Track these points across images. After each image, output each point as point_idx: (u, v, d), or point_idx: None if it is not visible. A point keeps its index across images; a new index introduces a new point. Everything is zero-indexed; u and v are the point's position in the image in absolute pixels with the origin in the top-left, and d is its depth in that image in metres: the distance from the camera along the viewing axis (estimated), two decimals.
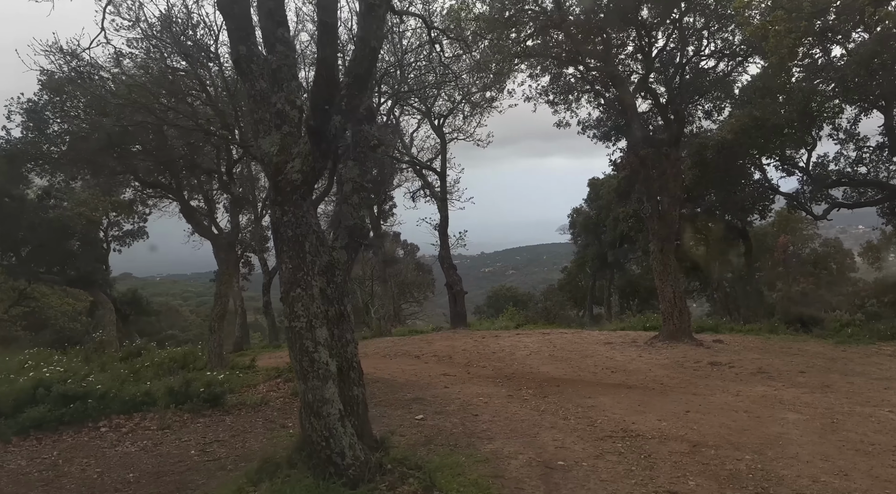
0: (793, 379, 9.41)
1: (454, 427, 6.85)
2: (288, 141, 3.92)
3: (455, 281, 17.64)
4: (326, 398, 3.96)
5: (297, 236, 4.01)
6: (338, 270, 4.57)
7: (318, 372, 3.95)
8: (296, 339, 3.98)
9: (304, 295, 3.98)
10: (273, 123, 3.99)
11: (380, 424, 6.97)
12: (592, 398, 8.45)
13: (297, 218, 4.02)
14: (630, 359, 11.68)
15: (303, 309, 3.97)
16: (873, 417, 7.01)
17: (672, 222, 13.21)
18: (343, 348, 4.55)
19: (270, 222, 4.20)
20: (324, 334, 4.04)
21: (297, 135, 3.94)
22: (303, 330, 3.96)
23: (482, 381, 10.09)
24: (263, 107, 4.16)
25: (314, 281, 4.06)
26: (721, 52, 12.99)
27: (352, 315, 4.73)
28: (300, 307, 3.97)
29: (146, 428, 7.05)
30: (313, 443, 4.00)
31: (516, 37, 13.56)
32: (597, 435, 6.59)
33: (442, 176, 17.78)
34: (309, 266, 4.03)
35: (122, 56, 10.55)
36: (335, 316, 4.52)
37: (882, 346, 12.22)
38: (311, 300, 4.00)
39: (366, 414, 4.72)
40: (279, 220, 4.02)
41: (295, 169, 3.90)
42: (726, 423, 6.86)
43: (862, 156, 18.08)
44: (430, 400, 8.30)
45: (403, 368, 11.65)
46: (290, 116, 3.93)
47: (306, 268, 4.01)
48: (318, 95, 3.53)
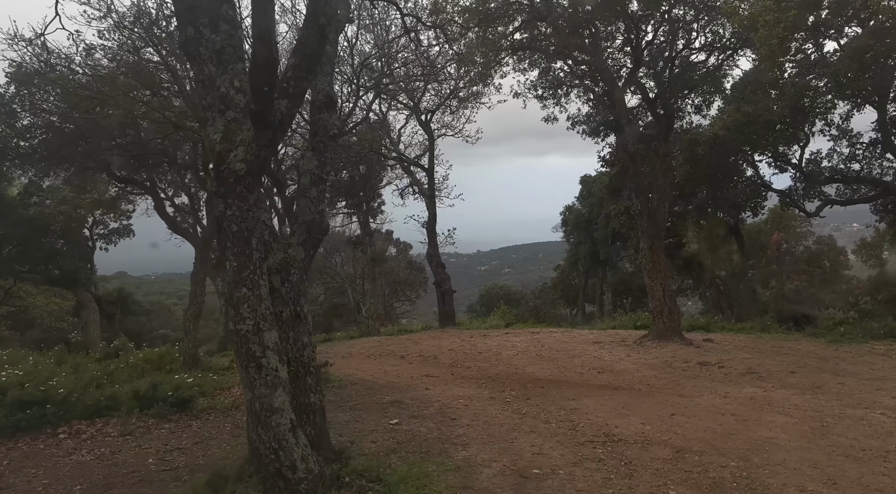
0: (783, 379, 9.17)
1: (429, 432, 6.56)
2: (232, 128, 3.61)
3: (444, 280, 17.34)
4: (275, 407, 3.66)
5: (242, 231, 3.70)
6: (293, 268, 4.26)
7: (265, 378, 3.65)
8: (242, 343, 3.68)
9: (251, 295, 3.68)
10: (217, 109, 3.68)
11: (351, 429, 6.69)
12: (576, 400, 8.18)
13: (243, 211, 3.71)
14: (618, 359, 11.42)
15: (249, 311, 3.67)
16: (864, 420, 6.76)
17: (662, 219, 12.96)
18: (299, 352, 4.26)
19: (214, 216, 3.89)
20: (273, 337, 3.74)
21: (243, 122, 3.63)
22: (249, 334, 3.66)
23: (465, 382, 9.81)
24: (211, 92, 3.85)
25: (262, 280, 3.76)
26: (711, 45, 12.73)
27: (309, 316, 4.43)
28: (246, 308, 3.67)
29: (107, 435, 6.73)
30: (261, 456, 3.70)
31: (503, 30, 13.27)
32: (577, 440, 6.32)
33: (430, 172, 17.48)
34: (256, 264, 3.72)
35: (93, 48, 10.18)
36: (290, 317, 4.22)
37: (875, 345, 12.00)
38: (259, 301, 3.70)
39: (323, 423, 4.42)
40: (222, 214, 3.71)
41: (238, 158, 3.60)
42: (712, 427, 6.59)
43: (855, 153, 17.87)
44: (408, 403, 8.02)
45: (386, 369, 11.36)
46: (234, 101, 3.62)
47: (253, 267, 3.71)
48: (257, 76, 3.23)
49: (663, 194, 12.73)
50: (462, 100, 16.68)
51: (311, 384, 4.30)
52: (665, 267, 12.96)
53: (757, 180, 19.47)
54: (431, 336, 16.30)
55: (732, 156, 18.36)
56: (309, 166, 4.54)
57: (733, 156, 18.44)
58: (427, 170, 17.51)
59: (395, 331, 19.52)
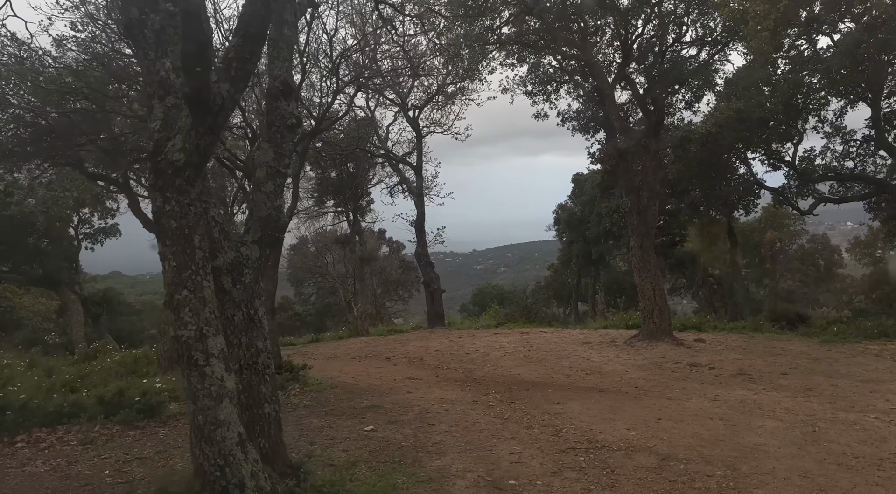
0: (774, 381, 8.94)
1: (405, 439, 6.28)
2: (173, 115, 3.32)
3: (432, 279, 17.05)
4: (220, 420, 3.37)
5: (182, 228, 3.41)
6: (246, 268, 3.96)
7: (209, 389, 3.36)
8: (183, 351, 3.39)
9: (193, 298, 3.38)
10: (156, 95, 3.39)
11: (324, 436, 6.41)
12: (561, 403, 7.92)
13: (183, 206, 3.42)
14: (607, 360, 11.17)
15: (191, 316, 3.37)
16: (857, 425, 6.52)
17: (652, 217, 12.71)
18: (252, 358, 3.96)
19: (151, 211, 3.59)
20: (218, 344, 3.44)
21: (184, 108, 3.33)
22: (191, 340, 3.36)
23: (449, 385, 9.54)
24: (152, 77, 3.55)
25: (206, 281, 3.46)
26: (702, 39, 12.48)
27: (264, 319, 4.13)
28: (187, 312, 3.37)
29: (67, 443, 6.41)
30: (206, 473, 3.41)
31: (491, 24, 12.98)
32: (559, 447, 6.05)
33: (418, 170, 17.16)
34: (199, 263, 3.43)
35: (64, 39, 9.83)
36: (243, 321, 3.92)
37: (868, 345, 11.79)
38: (202, 304, 3.40)
39: (279, 435, 4.12)
40: (160, 209, 3.42)
41: (176, 147, 3.31)
42: (699, 433, 6.34)
43: (849, 150, 17.69)
44: (387, 408, 7.73)
45: (370, 371, 11.07)
46: (174, 86, 3.33)
47: (195, 267, 3.41)
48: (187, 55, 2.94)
49: (653, 192, 12.48)
50: (449, 95, 16.38)
51: (266, 393, 4.00)
52: (655, 266, 12.72)
53: (750, 178, 19.28)
54: (419, 336, 16.02)
55: (725, 153, 18.15)
56: (265, 158, 4.24)
57: (726, 154, 18.23)
58: (415, 167, 17.20)
59: (384, 332, 19.22)
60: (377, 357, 13.14)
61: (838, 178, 18.04)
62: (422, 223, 17.14)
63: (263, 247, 4.14)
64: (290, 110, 4.34)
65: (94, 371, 9.71)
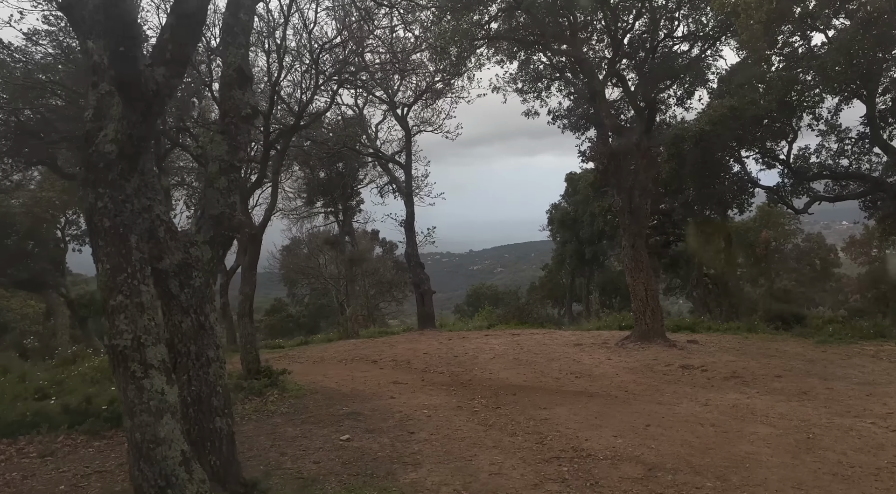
0: (768, 384, 8.68)
1: (381, 449, 5.99)
2: (106, 102, 3.04)
3: (422, 280, 16.77)
4: (161, 437, 3.08)
5: (116, 227, 3.12)
6: (195, 270, 3.68)
7: (147, 404, 3.07)
8: (119, 362, 3.10)
9: (129, 304, 3.10)
10: (90, 81, 3.11)
11: (296, 447, 6.11)
12: (548, 409, 7.66)
13: (117, 203, 3.13)
14: (597, 363, 10.90)
15: (127, 323, 3.09)
16: (853, 430, 6.26)
17: (644, 216, 12.46)
18: (202, 369, 3.67)
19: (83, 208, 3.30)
20: (159, 354, 3.15)
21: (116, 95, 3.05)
22: (128, 350, 3.08)
23: (434, 390, 9.26)
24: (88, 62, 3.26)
25: (144, 285, 3.18)
26: (694, 34, 12.23)
27: (216, 326, 3.84)
28: (123, 320, 3.09)
29: (26, 455, 6.11)
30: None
31: (479, 19, 12.71)
32: (542, 456, 5.78)
33: (407, 169, 16.86)
34: (136, 266, 3.14)
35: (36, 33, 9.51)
36: (191, 328, 3.64)
37: (864, 346, 11.56)
38: (140, 310, 3.11)
39: (232, 451, 3.83)
40: (92, 206, 3.13)
41: (108, 138, 3.02)
42: (689, 440, 6.07)
43: (844, 148, 17.48)
44: (366, 415, 7.45)
45: (354, 375, 10.78)
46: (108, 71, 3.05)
47: (132, 269, 3.13)
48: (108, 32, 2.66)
49: (645, 190, 12.22)
50: (437, 92, 16.08)
51: (218, 405, 3.71)
52: (647, 266, 12.46)
53: (744, 176, 19.04)
54: (408, 338, 15.73)
55: (719, 151, 17.90)
56: (218, 152, 3.94)
57: (719, 152, 17.98)
58: (404, 166, 16.91)
59: (374, 333, 18.93)
60: (364, 360, 12.86)
61: (833, 177, 17.83)
62: (411, 223, 16.86)
63: (216, 247, 3.85)
64: (246, 100, 4.05)
65: (70, 376, 9.41)
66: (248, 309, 8.45)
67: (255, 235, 8.43)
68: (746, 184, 19.05)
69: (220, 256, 3.99)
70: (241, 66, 4.04)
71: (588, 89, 12.65)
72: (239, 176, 4.14)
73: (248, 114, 4.06)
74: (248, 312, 8.46)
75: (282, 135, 8.75)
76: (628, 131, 12.41)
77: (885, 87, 15.87)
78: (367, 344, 15.69)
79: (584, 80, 12.97)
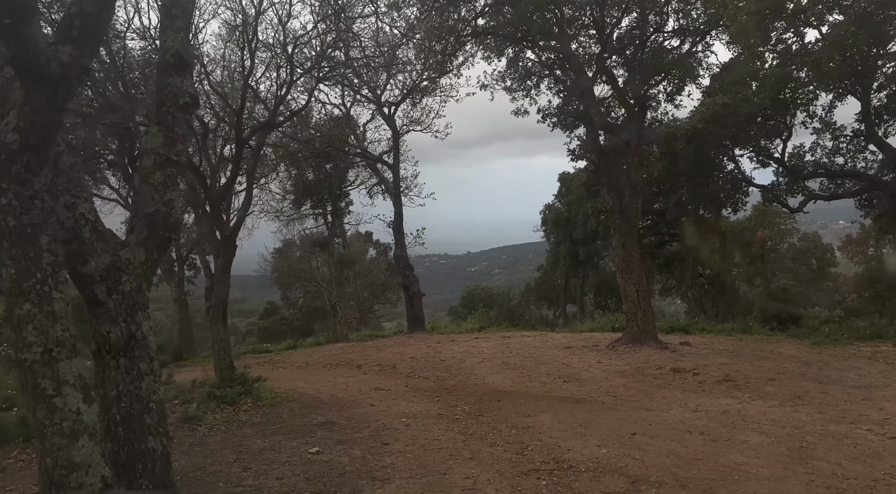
0: (761, 388, 8.39)
1: (351, 462, 5.67)
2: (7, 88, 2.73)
3: (411, 283, 16.45)
4: (76, 462, 2.77)
5: (23, 226, 2.81)
6: (126, 275, 3.36)
7: (60, 425, 2.76)
8: (28, 378, 2.79)
9: (38, 313, 2.79)
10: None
11: (261, 461, 5.79)
12: (532, 416, 7.35)
13: (24, 200, 2.82)
14: (587, 366, 10.61)
15: (36, 334, 2.77)
16: (849, 438, 5.97)
17: (634, 215, 12.16)
18: (132, 383, 3.35)
19: None
20: (74, 368, 2.84)
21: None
22: (36, 365, 2.76)
23: (417, 396, 8.95)
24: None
25: (57, 291, 2.87)
26: (684, 29, 11.95)
27: (149, 336, 3.52)
28: (31, 331, 2.77)
29: None
30: None
31: (466, 15, 12.43)
32: (521, 469, 5.47)
33: (395, 169, 16.54)
34: (47, 270, 2.83)
35: None
36: (120, 338, 3.32)
37: (861, 347, 11.29)
38: (52, 320, 2.80)
39: (167, 473, 3.51)
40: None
41: (10, 126, 2.72)
42: (676, 450, 5.77)
43: (839, 146, 17.24)
44: (341, 425, 7.12)
45: (336, 381, 10.46)
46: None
47: (42, 274, 2.82)
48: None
49: (635, 189, 11.93)
50: (423, 90, 15.77)
51: (151, 424, 3.39)
52: (639, 266, 12.17)
53: (738, 175, 18.78)
54: (397, 342, 15.41)
55: (712, 150, 17.65)
56: (152, 144, 3.63)
57: (713, 151, 17.73)
58: (392, 167, 16.60)
59: (364, 336, 18.60)
60: (349, 364, 12.55)
61: (828, 175, 17.58)
62: (400, 224, 16.53)
63: (150, 249, 3.53)
64: (184, 87, 3.74)
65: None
66: (221, 314, 8.13)
67: (228, 237, 8.12)
68: (740, 182, 18.79)
69: (154, 259, 3.66)
70: (178, 51, 3.72)
71: (577, 86, 12.36)
72: (177, 170, 3.81)
73: (187, 103, 3.75)
74: (222, 317, 8.14)
75: (255, 132, 8.44)
76: (618, 129, 12.12)
77: (881, 84, 15.64)
78: (354, 348, 15.37)
79: (574, 77, 12.69)
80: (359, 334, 19.59)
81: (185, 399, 8.06)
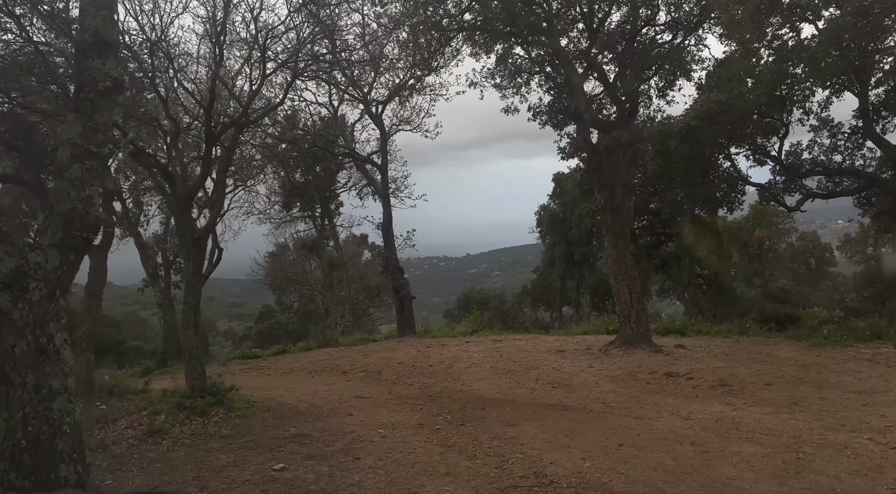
0: (757, 393, 8.04)
1: (316, 480, 5.31)
2: None
3: (401, 286, 16.08)
4: None
5: None
6: (34, 281, 3.01)
7: None
8: None
9: None
10: None
11: (221, 479, 5.42)
12: (516, 425, 7.00)
13: None
14: (578, 371, 10.25)
15: None
16: (849, 448, 5.61)
17: (627, 215, 11.83)
18: (41, 404, 2.99)
19: None
20: None
21: None
22: None
23: (399, 404, 8.58)
24: None
25: None
26: (676, 22, 11.62)
27: (63, 349, 3.16)
28: None
29: None
30: None
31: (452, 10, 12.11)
32: (499, 484, 5.11)
33: (383, 170, 16.18)
34: None
35: None
36: (28, 352, 2.96)
37: (860, 349, 10.94)
38: None
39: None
40: None
41: None
42: (664, 463, 5.41)
43: (837, 144, 16.91)
44: (314, 437, 6.76)
45: (318, 388, 10.09)
46: None
47: None
48: None
49: (627, 187, 11.60)
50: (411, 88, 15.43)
51: (64, 449, 3.03)
52: (632, 267, 11.82)
53: (734, 174, 18.44)
54: (386, 347, 15.03)
55: (707, 148, 17.31)
56: (69, 135, 3.27)
57: (708, 149, 17.39)
58: (380, 167, 16.24)
59: (354, 341, 18.21)
60: (334, 371, 12.17)
61: (826, 173, 17.25)
62: (389, 226, 16.17)
63: (66, 251, 3.17)
64: (105, 71, 3.38)
65: None
66: (191, 321, 7.77)
67: (198, 239, 7.75)
68: (737, 181, 18.45)
69: (70, 262, 3.30)
70: (97, 30, 3.36)
71: (567, 82, 12.03)
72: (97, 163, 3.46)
73: (108, 88, 3.39)
74: (192, 323, 7.78)
75: (226, 129, 8.09)
76: (609, 125, 11.78)
77: (878, 79, 15.34)
78: (342, 353, 15.00)
79: (564, 75, 12.36)
80: (349, 338, 19.21)
81: (154, 410, 7.68)
